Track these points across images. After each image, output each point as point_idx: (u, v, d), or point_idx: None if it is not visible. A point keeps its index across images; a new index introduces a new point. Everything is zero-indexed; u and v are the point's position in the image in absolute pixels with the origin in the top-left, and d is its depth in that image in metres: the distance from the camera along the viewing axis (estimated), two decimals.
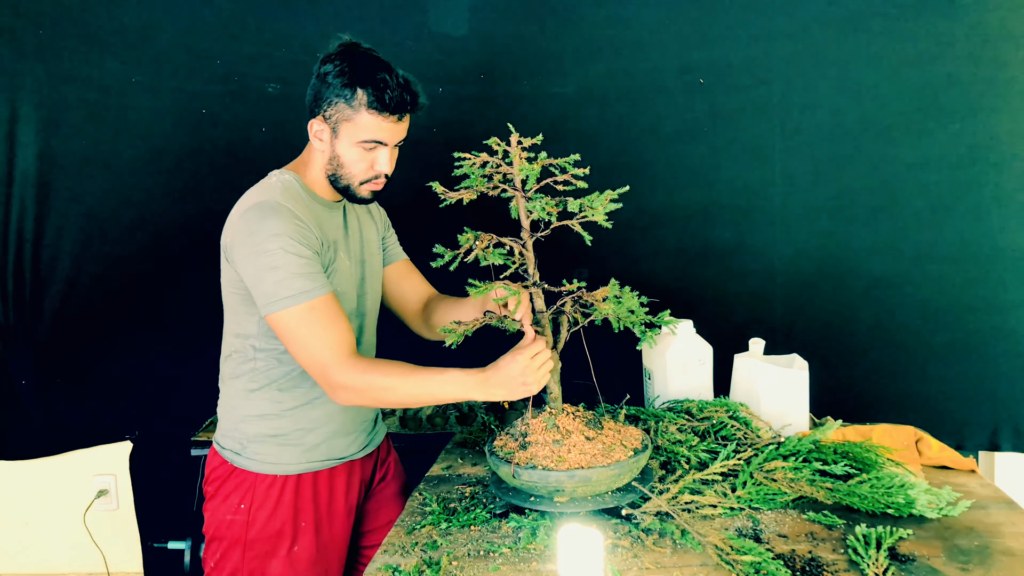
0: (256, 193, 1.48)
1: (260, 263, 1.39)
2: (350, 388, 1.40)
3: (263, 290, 1.40)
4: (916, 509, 1.35)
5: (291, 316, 1.39)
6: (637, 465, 1.37)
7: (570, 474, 1.32)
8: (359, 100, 1.44)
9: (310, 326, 1.39)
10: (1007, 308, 2.16)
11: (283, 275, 1.38)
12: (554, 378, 1.45)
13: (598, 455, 1.35)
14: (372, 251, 1.70)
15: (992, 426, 2.21)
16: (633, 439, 1.42)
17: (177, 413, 2.38)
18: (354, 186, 1.53)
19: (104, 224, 2.32)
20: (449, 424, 2.27)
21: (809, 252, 2.25)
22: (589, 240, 1.36)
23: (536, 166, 1.36)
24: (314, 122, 1.50)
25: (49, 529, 2.63)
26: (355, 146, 1.48)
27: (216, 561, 1.56)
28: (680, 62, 2.24)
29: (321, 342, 1.39)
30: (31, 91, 2.24)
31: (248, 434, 1.55)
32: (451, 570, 1.23)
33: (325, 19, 2.29)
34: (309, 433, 1.56)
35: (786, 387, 1.73)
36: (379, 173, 1.52)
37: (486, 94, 2.30)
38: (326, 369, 1.39)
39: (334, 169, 1.52)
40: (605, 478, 1.33)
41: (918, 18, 2.13)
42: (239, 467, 1.55)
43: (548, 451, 1.37)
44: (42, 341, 2.34)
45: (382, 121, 1.46)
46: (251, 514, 1.53)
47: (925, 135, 2.16)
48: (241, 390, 1.56)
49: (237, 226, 1.45)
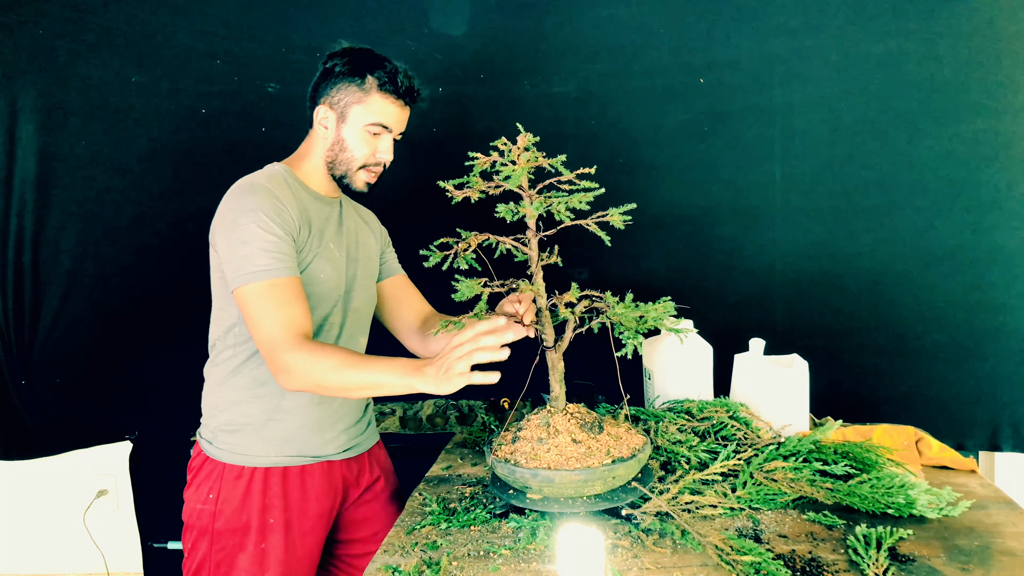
0: (242, 178, 1.52)
1: (232, 237, 1.42)
2: (292, 370, 1.36)
3: (233, 266, 1.42)
4: (916, 509, 1.35)
5: (252, 291, 1.40)
6: (610, 474, 1.33)
7: (534, 472, 1.32)
8: (370, 84, 1.52)
9: (266, 303, 1.39)
10: (1007, 308, 2.16)
11: (251, 250, 1.40)
12: (556, 377, 1.45)
13: (573, 458, 1.34)
14: (368, 255, 1.71)
15: (992, 426, 2.21)
16: (626, 447, 1.39)
17: (177, 413, 2.38)
18: (351, 172, 1.56)
19: (104, 224, 2.32)
20: (449, 424, 2.27)
21: (809, 252, 2.26)
22: (608, 241, 1.36)
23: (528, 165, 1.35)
24: (319, 108, 1.55)
25: (49, 529, 2.63)
26: (363, 130, 1.53)
27: (188, 550, 1.57)
28: (680, 62, 2.24)
29: (273, 320, 1.38)
30: (31, 91, 2.24)
31: (220, 422, 1.56)
32: (451, 570, 1.23)
33: (325, 19, 2.29)
34: (278, 424, 1.55)
35: (786, 387, 1.72)
36: (380, 160, 1.57)
37: (486, 94, 2.30)
38: (273, 347, 1.38)
39: (335, 155, 1.55)
40: (569, 482, 1.31)
41: (918, 18, 2.13)
42: (211, 457, 1.56)
43: (529, 448, 1.38)
44: (42, 341, 2.34)
45: (391, 105, 1.53)
46: (218, 505, 1.53)
47: (925, 135, 2.16)
48: (218, 377, 1.58)
49: (219, 208, 1.48)
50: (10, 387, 2.35)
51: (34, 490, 2.61)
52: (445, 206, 1.44)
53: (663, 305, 1.35)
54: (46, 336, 2.34)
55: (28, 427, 2.38)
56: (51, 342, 2.35)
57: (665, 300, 1.36)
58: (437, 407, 2.36)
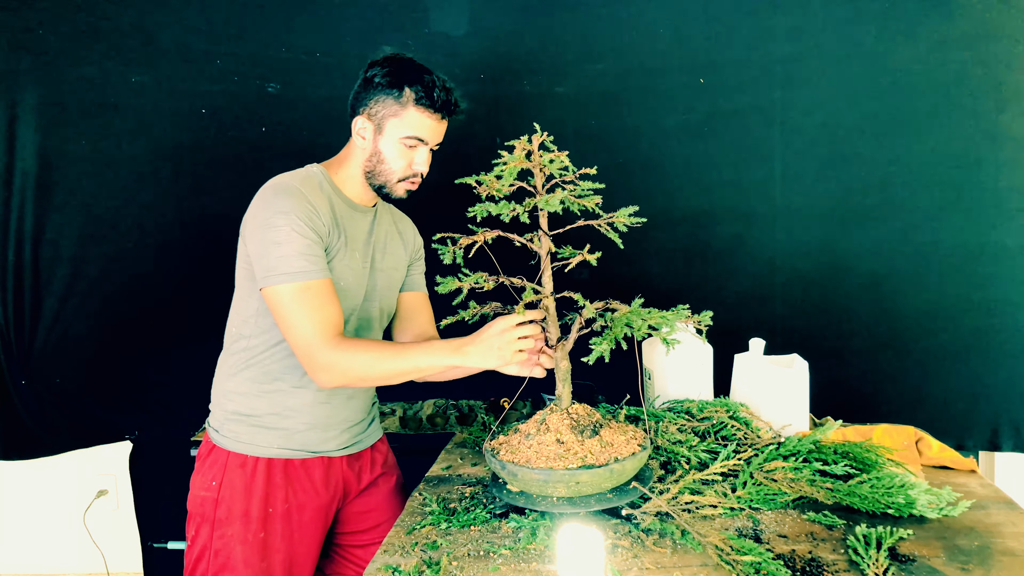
0: (277, 176, 1.54)
1: (266, 237, 1.44)
2: (332, 367, 1.42)
3: (264, 263, 1.45)
4: (916, 509, 1.35)
5: (286, 292, 1.43)
6: (573, 479, 1.32)
7: (502, 464, 1.37)
8: (407, 97, 1.52)
9: (302, 305, 1.43)
10: (1007, 308, 2.17)
11: (286, 251, 1.43)
12: (560, 377, 1.45)
13: (547, 458, 1.35)
14: (394, 265, 1.72)
15: (992, 426, 2.21)
16: (606, 456, 1.36)
17: (177, 413, 2.38)
18: (391, 183, 1.58)
19: (104, 224, 2.32)
20: (449, 424, 2.27)
21: (809, 252, 2.26)
22: (620, 244, 1.37)
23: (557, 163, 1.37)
24: (358, 119, 1.56)
25: (49, 529, 2.63)
26: (398, 142, 1.54)
27: (191, 537, 1.59)
28: (681, 62, 2.24)
29: (310, 321, 1.43)
30: (31, 91, 2.24)
31: (228, 411, 1.59)
32: (451, 570, 1.23)
33: (325, 19, 2.29)
34: (283, 420, 1.58)
35: (786, 387, 1.72)
36: (416, 172, 1.58)
37: (486, 94, 2.30)
38: (311, 347, 1.43)
39: (373, 165, 1.57)
40: (530, 480, 1.33)
41: (918, 18, 2.13)
42: (217, 445, 1.59)
43: (517, 442, 1.42)
44: (42, 341, 2.34)
45: (427, 118, 1.53)
46: (220, 492, 1.55)
47: (925, 135, 2.16)
48: (230, 367, 1.60)
49: (253, 203, 1.51)
50: (10, 387, 2.34)
51: (34, 490, 2.61)
52: (445, 207, 1.45)
53: (674, 313, 1.38)
54: (46, 336, 2.34)
55: (28, 427, 2.38)
56: (51, 342, 2.34)
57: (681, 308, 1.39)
58: (437, 407, 2.35)
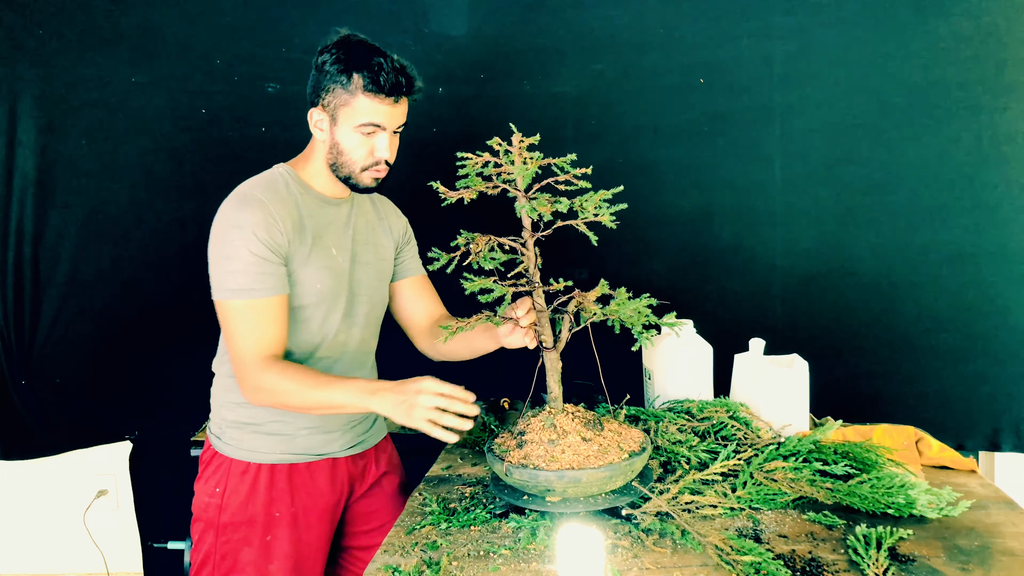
0: (243, 184, 1.53)
1: (220, 251, 1.45)
2: (259, 389, 1.44)
3: (214, 274, 1.46)
4: (916, 509, 1.35)
5: (230, 308, 1.44)
6: (631, 468, 1.35)
7: (559, 474, 1.31)
8: (355, 84, 1.46)
9: (242, 323, 1.44)
10: (1007, 308, 2.16)
11: (234, 267, 1.43)
12: (554, 377, 1.45)
13: (592, 456, 1.34)
14: (379, 255, 1.69)
15: (992, 426, 2.21)
16: (632, 441, 1.41)
17: (177, 413, 2.38)
18: (355, 174, 1.54)
19: (104, 224, 2.32)
20: None
21: (809, 252, 2.25)
22: (595, 240, 1.36)
23: (532, 165, 1.35)
24: (313, 111, 1.53)
25: (49, 529, 2.63)
26: (354, 131, 1.50)
27: (195, 541, 1.60)
28: (680, 62, 2.24)
29: (244, 340, 1.44)
30: (31, 91, 2.24)
31: (227, 420, 1.59)
32: (451, 570, 1.23)
33: (325, 19, 2.28)
34: (284, 425, 1.58)
35: (786, 387, 1.72)
36: (379, 160, 1.53)
37: (486, 94, 2.30)
38: (243, 366, 1.44)
39: (334, 157, 1.53)
40: (595, 480, 1.32)
41: (918, 18, 2.13)
42: (219, 452, 1.59)
43: (543, 450, 1.37)
44: (42, 341, 2.34)
45: (379, 104, 1.48)
46: (224, 498, 1.55)
47: (925, 135, 2.16)
48: (226, 376, 1.60)
49: (217, 213, 1.50)
50: (10, 387, 2.34)
51: (34, 490, 2.61)
52: (444, 208, 1.44)
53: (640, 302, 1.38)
54: (46, 336, 2.34)
55: (28, 427, 2.38)
56: (51, 342, 2.34)
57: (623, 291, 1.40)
58: None
